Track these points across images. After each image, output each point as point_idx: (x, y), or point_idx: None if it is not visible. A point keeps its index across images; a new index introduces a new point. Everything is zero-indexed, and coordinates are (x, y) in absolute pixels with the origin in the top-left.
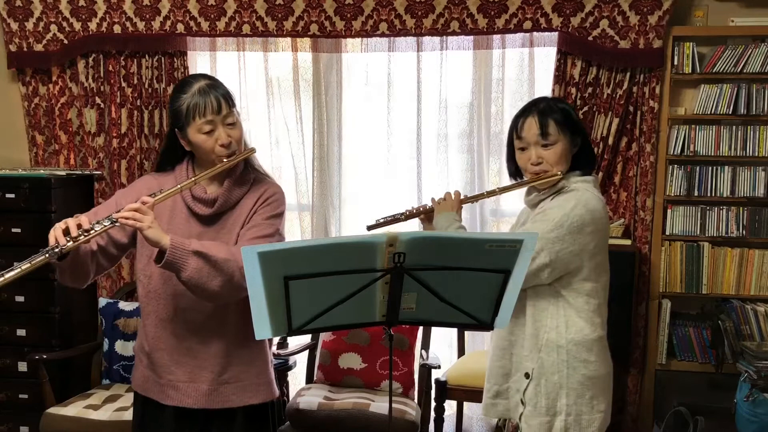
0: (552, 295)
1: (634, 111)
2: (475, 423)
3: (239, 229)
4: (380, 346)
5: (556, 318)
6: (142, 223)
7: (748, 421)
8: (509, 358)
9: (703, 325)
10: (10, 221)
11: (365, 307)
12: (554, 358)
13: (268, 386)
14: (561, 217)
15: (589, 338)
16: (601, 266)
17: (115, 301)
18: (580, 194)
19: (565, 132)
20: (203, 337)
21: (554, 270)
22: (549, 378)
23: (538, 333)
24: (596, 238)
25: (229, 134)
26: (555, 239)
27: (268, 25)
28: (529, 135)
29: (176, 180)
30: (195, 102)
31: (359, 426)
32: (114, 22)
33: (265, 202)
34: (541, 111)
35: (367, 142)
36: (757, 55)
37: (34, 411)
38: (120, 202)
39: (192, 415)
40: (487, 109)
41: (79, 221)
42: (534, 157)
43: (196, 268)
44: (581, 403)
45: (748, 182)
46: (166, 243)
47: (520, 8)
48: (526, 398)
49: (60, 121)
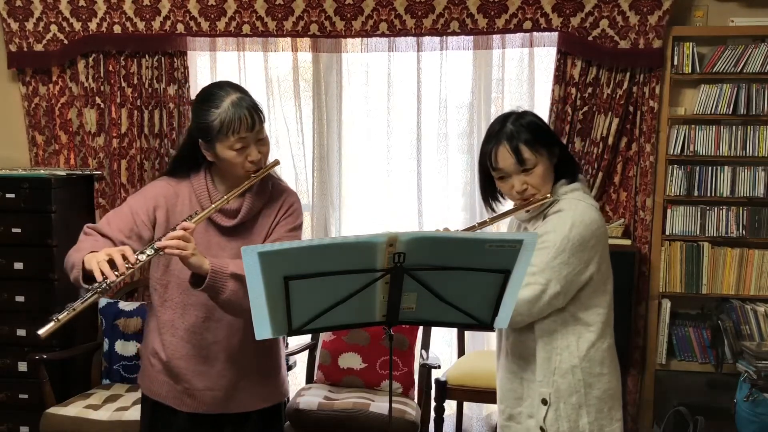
0: (560, 316)
1: (634, 111)
2: (475, 423)
3: (262, 241)
4: (380, 346)
5: (566, 338)
6: (186, 251)
7: (748, 421)
8: (520, 382)
9: (703, 325)
10: (10, 221)
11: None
12: (570, 380)
13: (282, 388)
14: (561, 242)
15: (600, 350)
16: (606, 274)
17: (115, 301)
18: (574, 210)
19: (541, 151)
20: (221, 346)
21: (567, 294)
22: (567, 401)
23: (551, 357)
24: (599, 248)
25: (260, 151)
26: (561, 265)
27: (268, 25)
28: (506, 165)
29: (193, 188)
30: (229, 119)
31: (359, 426)
32: (114, 22)
33: (286, 213)
34: (509, 137)
35: (367, 142)
36: (757, 55)
37: (34, 411)
38: (136, 211)
39: (205, 419)
40: (487, 109)
41: (123, 252)
42: (518, 185)
43: (233, 290)
44: (601, 418)
45: (748, 182)
46: (207, 268)
47: (520, 8)
48: (547, 425)
49: (60, 121)
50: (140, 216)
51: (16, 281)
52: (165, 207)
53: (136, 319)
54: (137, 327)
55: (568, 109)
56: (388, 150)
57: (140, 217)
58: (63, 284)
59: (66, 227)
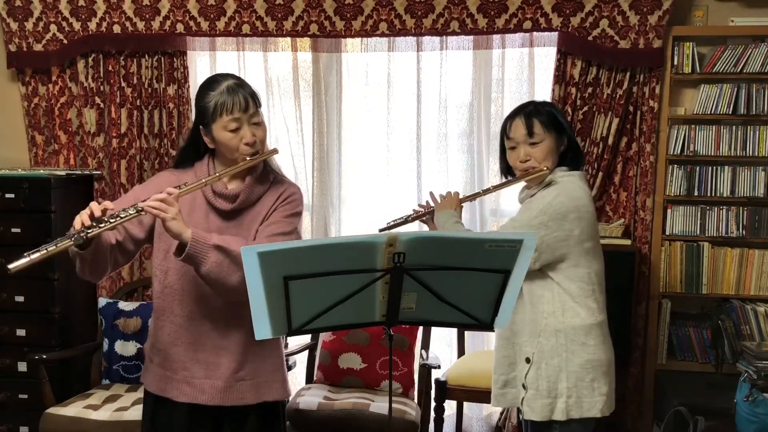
0: (547, 283)
1: (634, 111)
2: (475, 423)
3: (258, 226)
4: (380, 346)
5: (552, 304)
6: (166, 213)
7: (748, 421)
8: (512, 347)
9: (703, 325)
10: (10, 221)
11: (365, 307)
12: (553, 343)
13: (282, 384)
14: (544, 206)
15: (586, 323)
16: (591, 253)
17: (115, 301)
18: (563, 185)
19: (551, 131)
20: (220, 334)
21: (541, 255)
22: (549, 362)
23: (537, 318)
24: (581, 224)
25: (254, 133)
26: (538, 225)
27: (268, 25)
28: (517, 135)
29: (196, 176)
30: (223, 100)
31: (359, 426)
32: (114, 21)
33: (285, 200)
34: (527, 113)
35: (367, 142)
36: (757, 55)
37: (34, 411)
38: (139, 196)
39: (205, 413)
40: (487, 109)
41: (104, 206)
42: (522, 154)
43: (215, 263)
44: (582, 386)
45: (748, 182)
46: (187, 236)
47: (520, 8)
48: (528, 382)
49: (60, 121)
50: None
51: (16, 281)
52: None
53: (136, 319)
54: (137, 327)
55: (568, 109)
56: (388, 150)
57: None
58: (63, 284)
59: (66, 227)
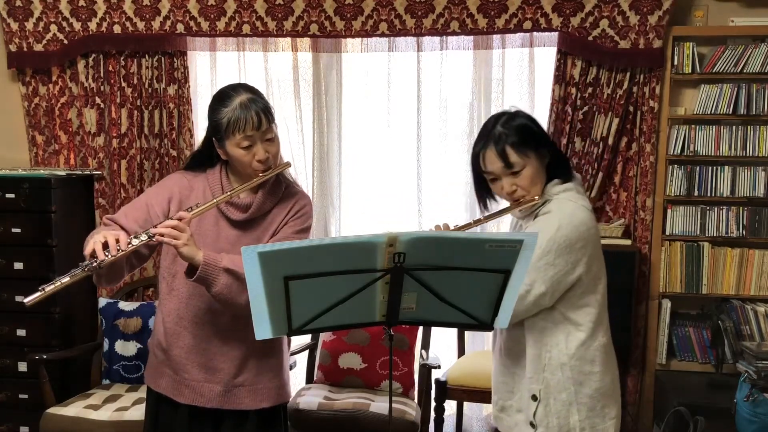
0: (550, 314)
1: (634, 111)
2: (475, 423)
3: (267, 239)
4: (380, 346)
5: (555, 336)
6: (178, 241)
7: (748, 421)
8: (512, 377)
9: (703, 325)
10: (10, 221)
11: (365, 307)
12: (559, 377)
13: (282, 390)
14: (547, 243)
15: (591, 349)
16: (596, 274)
17: (115, 301)
18: (562, 211)
19: (528, 153)
20: (221, 339)
21: (554, 294)
22: (557, 397)
23: (540, 353)
24: (588, 250)
25: (267, 150)
26: (546, 266)
27: (268, 25)
28: (494, 168)
29: (208, 182)
30: (236, 117)
31: (359, 426)
32: (114, 22)
33: (295, 214)
34: (496, 140)
35: (367, 142)
36: (757, 55)
37: (34, 411)
38: (151, 203)
39: (205, 415)
40: (487, 109)
41: (117, 237)
42: (507, 187)
43: (225, 284)
44: (593, 416)
45: (748, 182)
46: (199, 260)
47: (520, 8)
48: (537, 421)
49: (60, 121)
50: (155, 208)
51: (16, 281)
52: (179, 198)
53: (136, 319)
54: (137, 327)
55: (568, 109)
56: (388, 150)
57: (154, 209)
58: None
59: (66, 227)
